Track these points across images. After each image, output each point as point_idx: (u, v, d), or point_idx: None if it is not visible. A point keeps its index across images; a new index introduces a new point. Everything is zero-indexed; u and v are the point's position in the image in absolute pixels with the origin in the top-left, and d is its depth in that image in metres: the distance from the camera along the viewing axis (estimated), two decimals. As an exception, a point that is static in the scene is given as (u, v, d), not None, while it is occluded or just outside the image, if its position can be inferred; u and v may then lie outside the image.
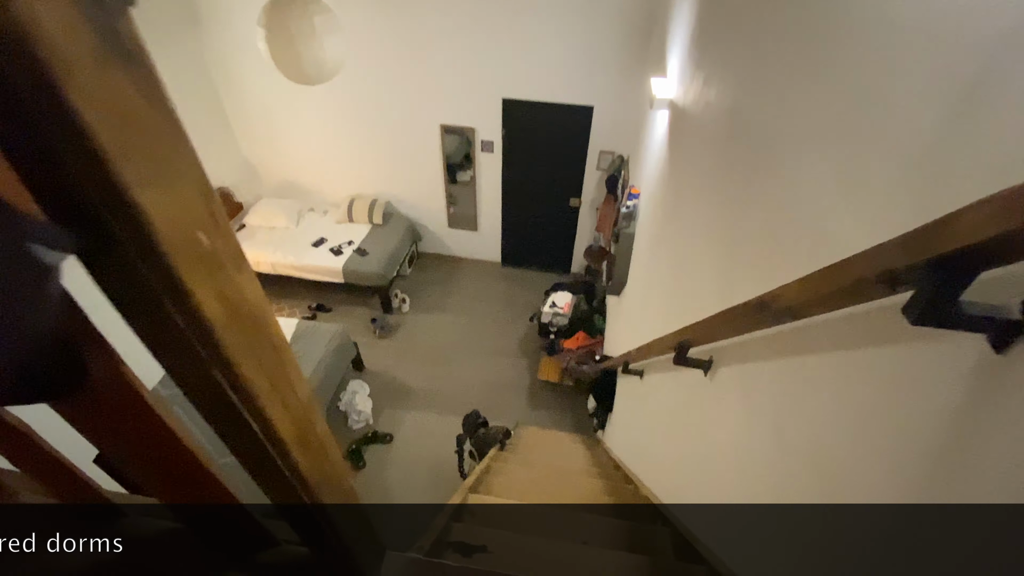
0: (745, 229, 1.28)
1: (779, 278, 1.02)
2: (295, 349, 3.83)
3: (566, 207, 5.11)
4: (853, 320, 0.70)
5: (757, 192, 1.21)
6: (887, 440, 0.68)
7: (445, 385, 4.43)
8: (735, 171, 1.40)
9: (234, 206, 5.21)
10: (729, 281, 1.34)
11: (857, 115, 0.80)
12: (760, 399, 1.10)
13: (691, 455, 1.55)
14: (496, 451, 2.46)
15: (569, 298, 4.39)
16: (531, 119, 4.55)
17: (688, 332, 1.32)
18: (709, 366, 1.40)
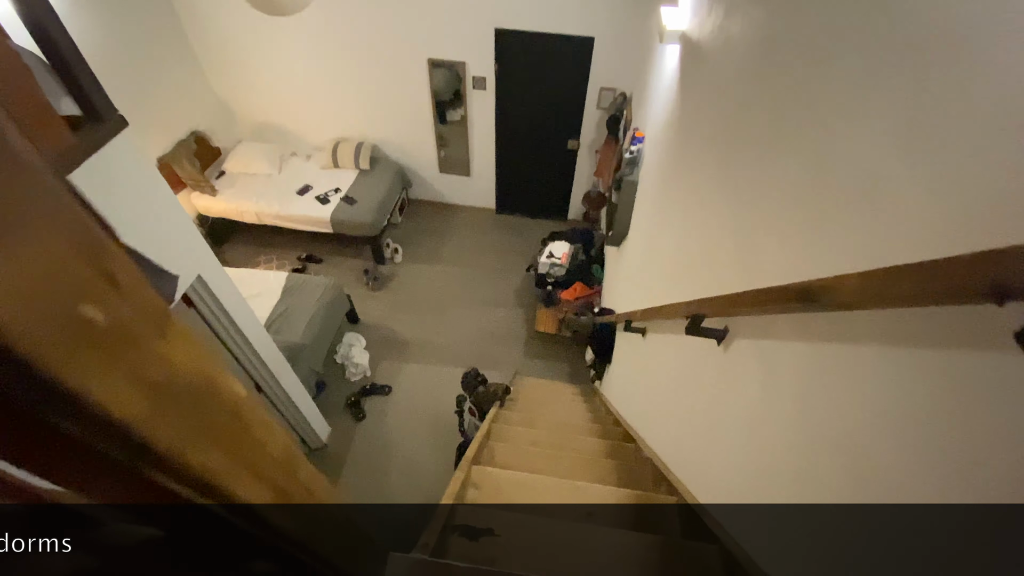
0: (771, 187, 1.15)
1: (815, 251, 0.92)
2: (285, 304, 3.74)
3: (563, 150, 4.86)
4: (925, 318, 0.60)
5: (789, 144, 1.07)
6: (945, 453, 0.61)
7: (441, 336, 4.40)
8: (760, 117, 1.25)
9: (212, 151, 4.90)
10: (750, 245, 1.23)
11: (944, 46, 0.65)
12: (784, 379, 1.03)
13: (698, 422, 1.51)
14: (496, 409, 2.45)
15: (567, 248, 4.27)
16: (526, 52, 4.20)
17: (703, 306, 1.23)
18: (724, 335, 1.32)
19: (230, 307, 2.33)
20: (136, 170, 1.72)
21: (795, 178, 1.03)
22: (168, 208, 1.89)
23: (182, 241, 1.98)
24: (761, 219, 1.19)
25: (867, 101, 0.81)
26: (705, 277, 1.50)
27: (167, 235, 1.89)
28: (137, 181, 1.73)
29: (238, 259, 4.96)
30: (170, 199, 1.90)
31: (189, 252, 2.03)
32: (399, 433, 3.76)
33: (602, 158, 4.46)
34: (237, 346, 2.50)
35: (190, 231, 2.02)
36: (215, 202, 4.62)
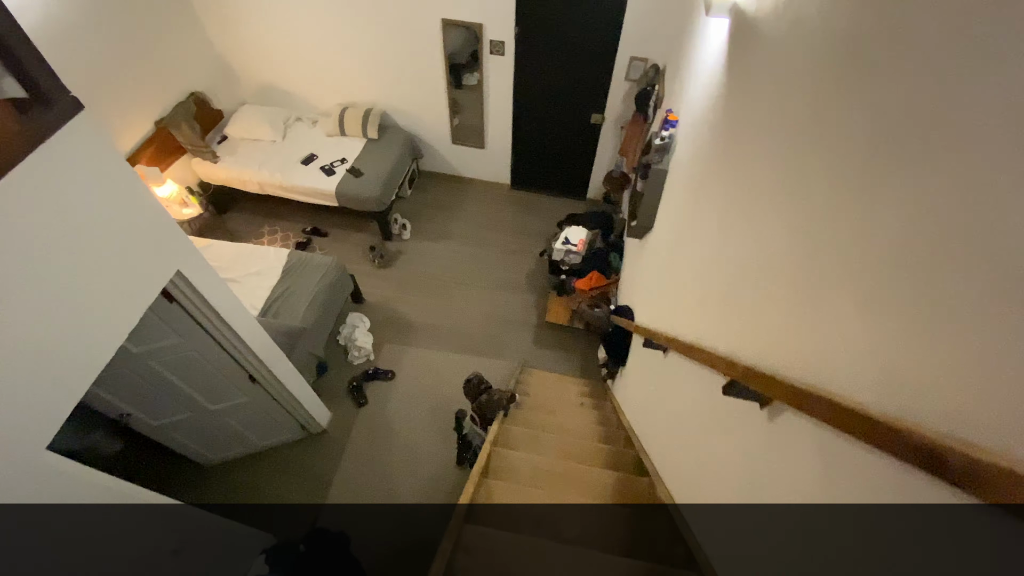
0: (861, 223, 0.89)
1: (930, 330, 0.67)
2: (286, 284, 3.57)
3: (586, 124, 4.50)
4: None
5: (899, 170, 0.80)
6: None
7: (448, 319, 4.23)
8: (849, 127, 0.97)
9: (213, 114, 4.64)
10: (816, 300, 0.99)
11: None
12: (850, 486, 0.81)
13: (730, 480, 1.31)
14: (499, 422, 2.28)
15: (584, 234, 4.00)
16: (550, 14, 3.80)
17: (748, 377, 1.00)
18: (770, 402, 1.10)
19: (215, 301, 2.15)
20: (97, 160, 1.51)
21: (898, 216, 0.77)
22: (138, 201, 1.68)
23: (156, 236, 1.78)
24: (833, 271, 0.94)
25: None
26: (749, 320, 1.26)
27: (138, 231, 1.69)
28: (98, 172, 1.51)
29: (242, 230, 4.79)
30: (140, 191, 1.69)
31: (165, 247, 1.83)
32: (401, 421, 3.65)
33: (628, 136, 4.11)
34: (225, 339, 2.35)
35: (166, 224, 1.82)
36: (216, 170, 4.40)
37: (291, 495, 3.32)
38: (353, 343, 3.93)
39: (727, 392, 1.13)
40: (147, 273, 1.76)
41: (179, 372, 2.47)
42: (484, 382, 2.57)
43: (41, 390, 1.42)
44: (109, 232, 1.57)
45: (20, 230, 1.29)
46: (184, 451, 3.14)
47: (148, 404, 2.61)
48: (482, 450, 1.87)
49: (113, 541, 1.78)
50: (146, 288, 1.76)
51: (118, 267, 1.62)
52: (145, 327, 2.12)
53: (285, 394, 2.94)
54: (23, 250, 1.30)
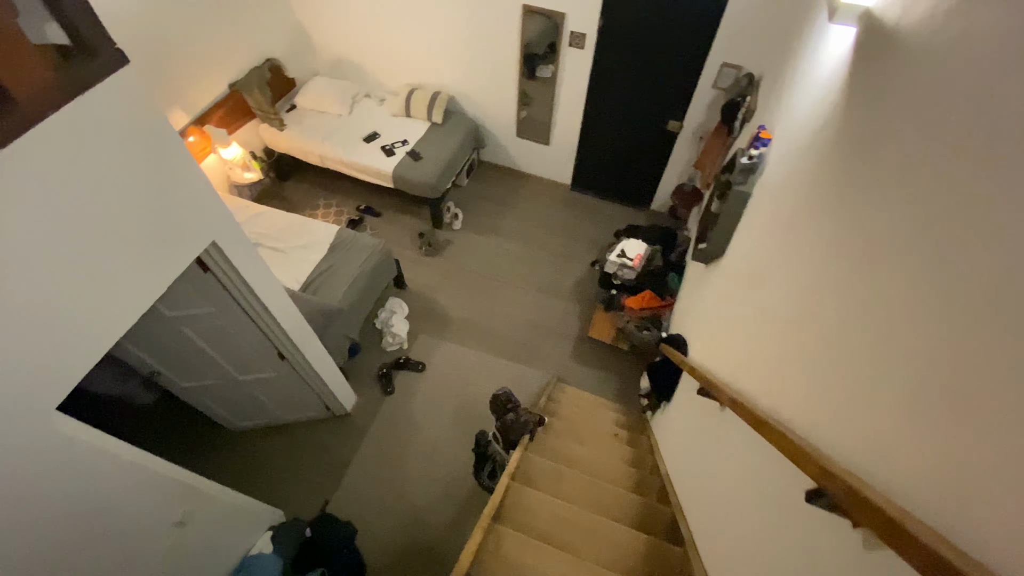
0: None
1: None
2: (331, 261, 3.51)
3: (662, 130, 4.17)
4: None
5: None
6: None
7: (487, 318, 4.07)
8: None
9: (286, 82, 4.67)
10: (964, 376, 0.72)
11: None
12: None
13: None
14: (523, 448, 2.09)
15: (642, 249, 3.71)
16: (639, 9, 3.51)
17: (851, 496, 0.75)
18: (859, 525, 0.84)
19: (249, 276, 2.08)
20: (138, 118, 1.42)
21: None
22: (179, 168, 1.60)
23: (195, 205, 1.70)
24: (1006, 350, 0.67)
25: None
26: (854, 408, 0.99)
27: (176, 198, 1.61)
28: (138, 132, 1.43)
29: (299, 199, 4.82)
30: (183, 158, 1.61)
31: (204, 216, 1.76)
32: (425, 416, 3.54)
33: (707, 148, 3.77)
34: (257, 314, 2.28)
35: (206, 194, 1.74)
36: (282, 138, 4.43)
37: (307, 473, 3.29)
38: (389, 329, 3.85)
39: (811, 500, 0.88)
40: (180, 241, 1.68)
41: (210, 340, 2.44)
42: (512, 400, 2.38)
43: (55, 349, 1.37)
44: (144, 195, 1.49)
45: (46, 182, 1.22)
46: (211, 414, 3.17)
47: (178, 366, 2.61)
48: (498, 484, 1.69)
49: (114, 509, 1.74)
50: (177, 256, 1.69)
51: (149, 232, 1.54)
52: (179, 293, 2.07)
53: (312, 375, 2.89)
54: (47, 203, 1.23)
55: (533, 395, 3.59)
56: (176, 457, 3.28)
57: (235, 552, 2.66)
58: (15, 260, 1.20)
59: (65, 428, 1.49)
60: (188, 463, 3.27)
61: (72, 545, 1.63)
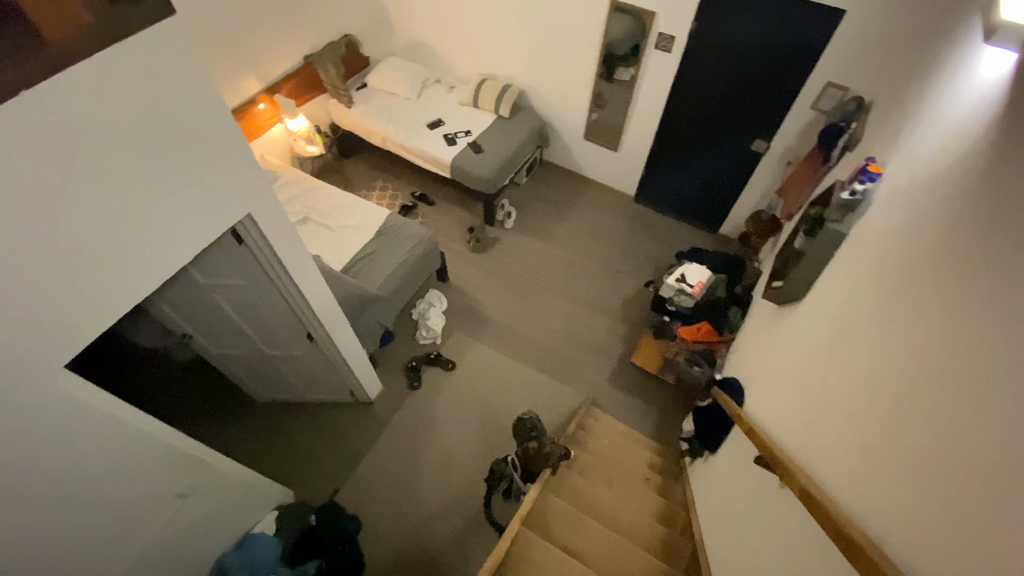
0: None
1: None
2: (376, 245, 3.42)
3: (745, 149, 3.81)
4: None
5: None
6: None
7: (525, 325, 3.87)
8: None
9: (360, 59, 4.65)
10: None
11: None
12: None
13: None
14: (542, 484, 1.88)
15: (705, 276, 3.38)
16: (739, 14, 3.17)
17: None
18: None
19: (284, 254, 1.98)
20: (178, 75, 1.32)
21: None
22: (221, 132, 1.51)
23: (234, 173, 1.61)
24: None
25: None
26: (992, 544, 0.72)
27: (213, 164, 1.52)
28: (178, 89, 1.34)
29: (357, 178, 4.81)
30: (226, 123, 1.51)
31: (241, 186, 1.66)
32: (447, 418, 3.40)
33: (795, 175, 3.38)
34: (288, 293, 2.20)
35: (247, 164, 1.64)
36: (348, 115, 4.42)
37: (322, 457, 3.23)
38: (425, 321, 3.74)
39: None
40: (212, 209, 1.59)
41: (241, 312, 2.39)
42: (537, 427, 2.17)
43: (70, 304, 1.29)
44: (176, 158, 1.40)
45: (69, 128, 1.13)
46: (239, 383, 3.16)
47: (210, 332, 2.59)
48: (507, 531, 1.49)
49: (116, 475, 1.69)
50: (208, 225, 1.60)
51: (178, 196, 1.45)
52: (213, 261, 2.01)
53: (339, 359, 2.80)
54: (68, 150, 1.14)
55: (563, 416, 3.36)
56: (203, 421, 3.32)
57: (239, 527, 2.62)
58: (28, 209, 1.12)
59: (71, 388, 1.43)
60: (213, 428, 3.29)
61: (69, 507, 1.58)
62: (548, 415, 3.36)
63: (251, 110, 3.84)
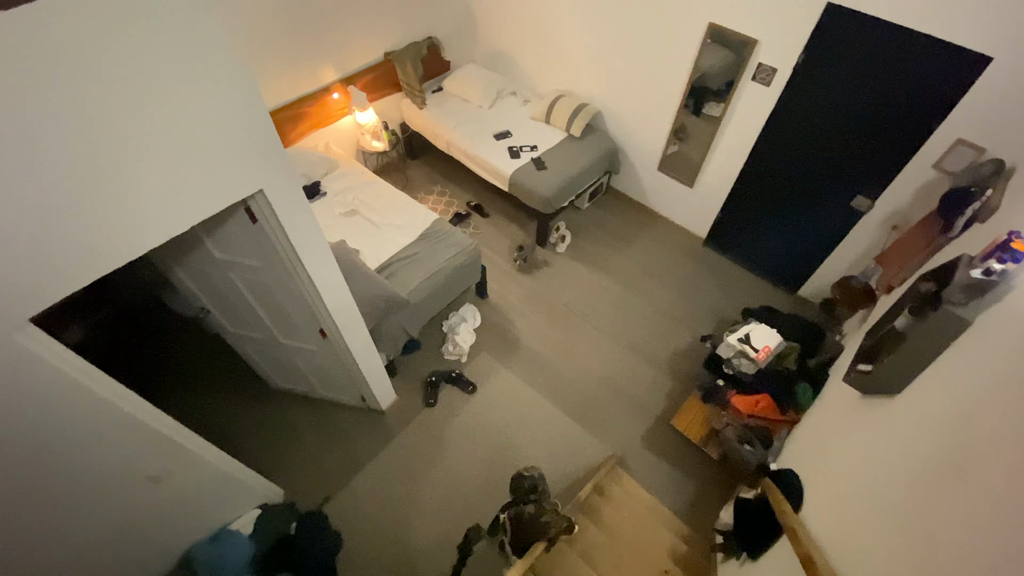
0: None
1: None
2: (417, 248, 3.24)
3: (843, 205, 3.31)
4: None
5: None
6: None
7: (560, 358, 3.55)
8: None
9: (440, 63, 4.63)
10: None
11: None
12: None
13: None
14: (531, 557, 1.56)
15: (774, 341, 2.92)
16: (860, 48, 2.75)
17: None
18: None
19: (297, 239, 1.83)
20: (198, 24, 1.19)
21: None
22: (238, 97, 1.36)
23: (248, 143, 1.46)
24: None
25: None
26: None
27: (226, 129, 1.38)
28: (193, 39, 1.20)
29: (418, 180, 4.75)
30: (248, 85, 1.36)
31: (255, 159, 1.51)
32: (456, 445, 3.13)
33: (901, 241, 2.87)
34: (300, 280, 2.04)
35: (264, 136, 1.49)
36: (418, 115, 4.37)
37: (323, 457, 3.06)
38: (454, 335, 3.52)
39: None
40: (219, 179, 1.45)
41: (256, 294, 2.27)
42: (539, 488, 1.84)
43: (46, 252, 1.18)
44: (182, 116, 1.26)
45: (58, 57, 1.01)
46: (254, 367, 3.08)
47: (227, 310, 2.50)
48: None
49: (77, 446, 1.56)
50: (213, 195, 1.46)
51: (180, 159, 1.31)
52: (229, 236, 1.90)
53: (350, 362, 2.62)
54: (54, 83, 1.02)
55: (580, 471, 2.99)
56: (217, 395, 3.27)
57: (217, 519, 2.47)
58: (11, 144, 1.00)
59: (31, 343, 1.30)
60: (225, 405, 3.24)
61: (19, 471, 1.47)
62: (565, 467, 3.01)
63: (324, 98, 3.87)
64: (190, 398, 3.25)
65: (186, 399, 3.23)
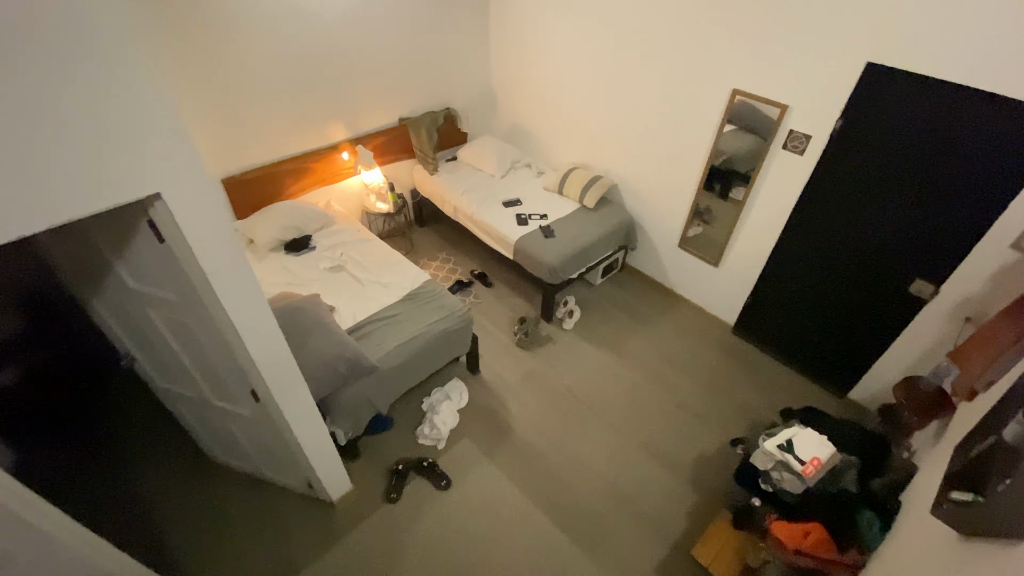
0: None
1: None
2: (400, 309, 2.78)
3: (898, 290, 2.81)
4: None
5: None
6: None
7: (556, 454, 2.94)
8: None
9: (458, 134, 4.61)
10: None
11: None
12: None
13: None
14: None
15: (825, 453, 2.28)
16: (909, 111, 2.43)
17: None
18: None
19: (208, 264, 1.47)
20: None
21: None
22: (124, 66, 1.09)
23: (138, 129, 1.16)
24: None
25: None
26: None
27: (105, 106, 1.09)
28: None
29: (423, 246, 4.52)
30: (133, 56, 1.09)
31: (147, 151, 1.21)
32: (417, 555, 2.48)
33: (981, 335, 2.31)
34: (220, 323, 1.65)
35: (164, 121, 1.20)
36: (429, 180, 4.25)
37: (252, 554, 2.47)
38: (433, 415, 3.00)
39: None
40: (89, 173, 1.13)
41: (180, 340, 1.90)
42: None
43: None
44: (32, 83, 0.97)
45: None
46: (193, 434, 2.62)
47: (153, 358, 2.12)
48: None
49: None
50: (79, 193, 1.14)
51: (28, 139, 1.01)
52: (140, 260, 1.57)
53: (290, 437, 2.14)
54: None
55: (573, 606, 2.27)
56: (150, 467, 2.79)
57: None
58: None
59: None
60: (157, 479, 2.74)
61: None
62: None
63: (331, 156, 3.79)
64: (121, 463, 2.81)
65: (117, 463, 2.78)
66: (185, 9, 2.74)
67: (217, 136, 3.16)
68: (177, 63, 2.83)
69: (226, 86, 3.06)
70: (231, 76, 3.05)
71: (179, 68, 2.84)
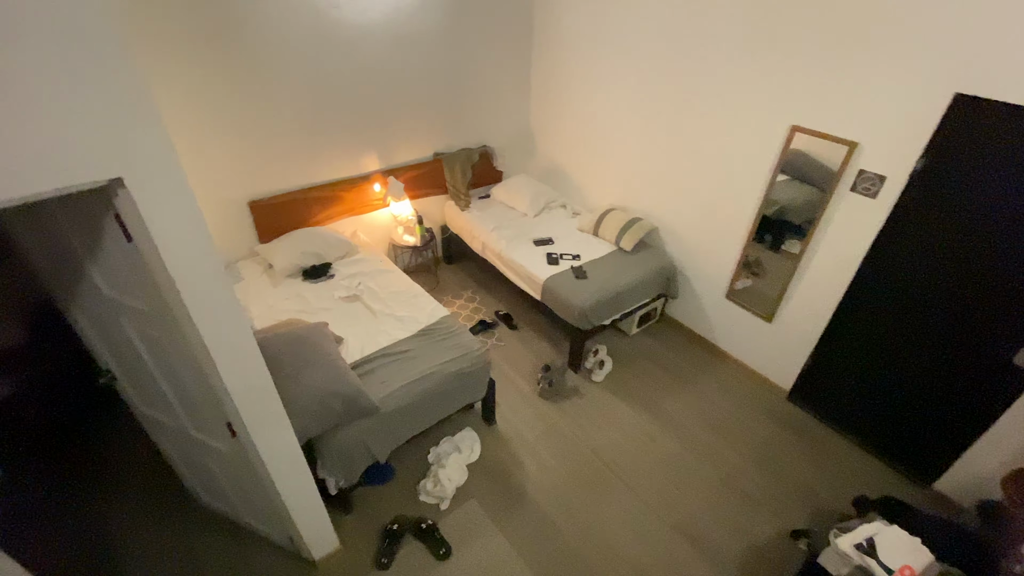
0: None
1: None
2: (412, 344, 2.55)
3: (999, 362, 2.33)
4: None
5: None
6: None
7: (576, 530, 2.51)
8: None
9: (493, 172, 4.51)
10: None
11: None
12: None
13: None
14: None
15: (920, 560, 1.79)
16: (1011, 148, 2.08)
17: None
18: None
19: (176, 266, 1.27)
20: None
21: None
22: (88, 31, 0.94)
23: (94, 103, 1.00)
24: None
25: None
26: None
27: (52, 71, 0.93)
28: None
29: (449, 283, 4.33)
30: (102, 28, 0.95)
31: (106, 129, 1.04)
32: (403, 641, 2.08)
33: None
34: (189, 337, 1.44)
35: (125, 95, 1.04)
36: (459, 216, 4.11)
37: (212, 622, 2.13)
38: (438, 469, 2.66)
39: None
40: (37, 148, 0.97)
41: (155, 358, 1.70)
42: None
43: None
44: None
45: None
46: (173, 466, 2.38)
47: (131, 377, 1.93)
48: None
49: None
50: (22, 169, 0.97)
51: None
52: (111, 262, 1.40)
53: (266, 480, 1.86)
54: None
55: None
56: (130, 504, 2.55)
57: None
58: None
59: None
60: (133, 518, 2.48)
61: None
62: None
63: (363, 185, 3.72)
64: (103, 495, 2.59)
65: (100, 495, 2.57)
66: (226, 31, 2.77)
67: (246, 157, 3.13)
68: (213, 81, 2.83)
69: (260, 108, 3.05)
70: (266, 98, 3.05)
71: (214, 87, 2.85)
